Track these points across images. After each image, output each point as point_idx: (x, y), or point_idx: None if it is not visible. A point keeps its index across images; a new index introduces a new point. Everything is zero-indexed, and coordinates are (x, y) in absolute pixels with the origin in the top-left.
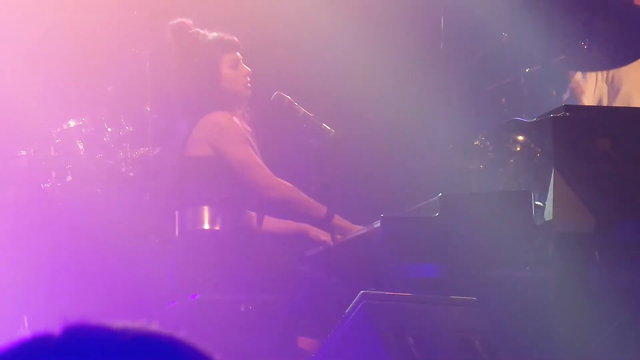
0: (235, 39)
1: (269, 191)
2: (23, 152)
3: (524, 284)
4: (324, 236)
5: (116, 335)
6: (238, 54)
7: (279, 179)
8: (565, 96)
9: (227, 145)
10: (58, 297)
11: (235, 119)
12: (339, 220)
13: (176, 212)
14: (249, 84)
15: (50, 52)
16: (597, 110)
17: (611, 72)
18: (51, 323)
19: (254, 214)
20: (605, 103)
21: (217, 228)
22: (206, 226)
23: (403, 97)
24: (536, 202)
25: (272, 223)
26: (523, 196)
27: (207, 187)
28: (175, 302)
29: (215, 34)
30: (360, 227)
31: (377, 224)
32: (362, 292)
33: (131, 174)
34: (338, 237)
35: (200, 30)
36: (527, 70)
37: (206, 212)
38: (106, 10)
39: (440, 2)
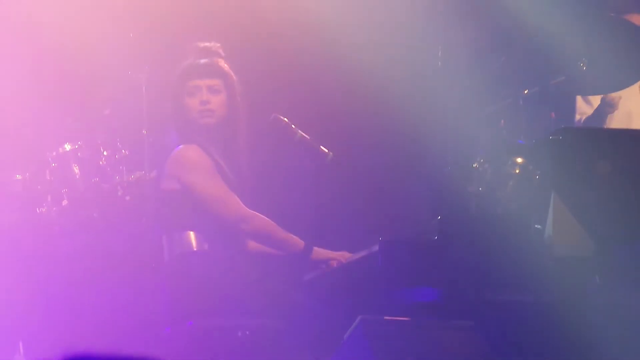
0: (197, 62)
1: (239, 223)
2: (18, 176)
3: (523, 308)
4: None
5: None
6: (198, 80)
7: (252, 212)
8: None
9: (193, 179)
10: (54, 323)
11: (203, 152)
12: (318, 253)
13: (163, 237)
14: (206, 112)
15: (46, 75)
16: (596, 132)
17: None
18: (47, 349)
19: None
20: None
21: (205, 248)
22: (195, 248)
23: (401, 120)
24: (535, 226)
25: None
26: (521, 220)
27: (187, 216)
28: (171, 328)
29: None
30: (345, 253)
31: (376, 248)
32: (360, 316)
33: (127, 198)
34: (332, 263)
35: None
36: (525, 92)
37: (192, 236)
38: (102, 33)
39: (438, 24)
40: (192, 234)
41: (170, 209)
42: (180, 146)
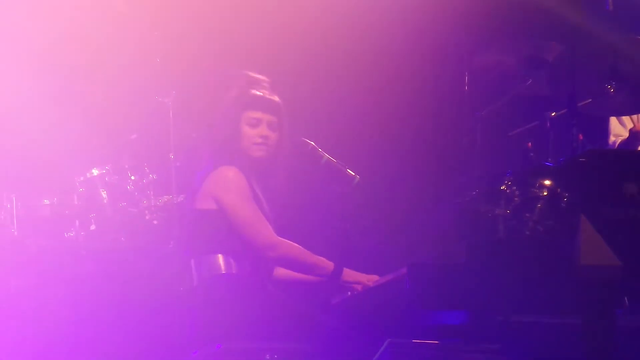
0: (258, 93)
1: (266, 251)
2: (46, 201)
3: (551, 330)
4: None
5: None
6: (261, 113)
7: (280, 239)
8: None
9: (229, 200)
10: (82, 347)
11: (242, 174)
12: (348, 274)
13: (192, 261)
14: (263, 145)
15: (74, 100)
16: (623, 154)
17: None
18: None
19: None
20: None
21: (233, 272)
22: (223, 271)
23: (428, 142)
24: (564, 248)
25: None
26: (549, 242)
27: (216, 238)
28: (198, 351)
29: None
30: (375, 276)
31: (404, 271)
32: (388, 340)
33: (155, 222)
34: (357, 287)
35: (242, 83)
36: (553, 114)
37: (221, 259)
38: (129, 58)
39: (465, 48)
40: (220, 257)
41: (202, 229)
42: (221, 167)
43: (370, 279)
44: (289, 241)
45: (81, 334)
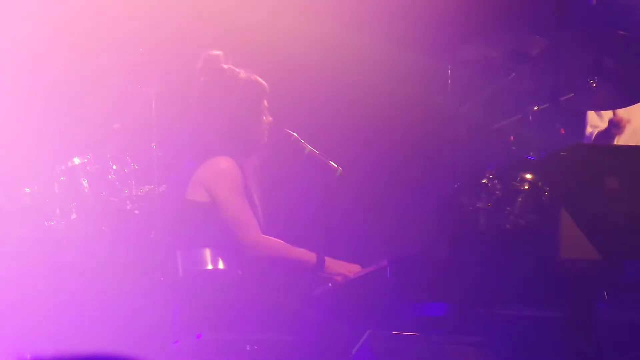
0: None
1: (251, 251)
2: (27, 190)
3: (532, 323)
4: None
5: None
6: (265, 101)
7: (266, 238)
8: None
9: (220, 191)
10: (61, 336)
11: (236, 165)
12: (331, 264)
13: (178, 253)
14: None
15: (56, 89)
16: (605, 149)
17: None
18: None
19: None
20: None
21: (220, 267)
22: (209, 266)
23: (410, 135)
24: (544, 241)
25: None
26: (530, 235)
27: (205, 230)
28: (179, 341)
29: (245, 73)
30: (357, 266)
31: (385, 263)
32: (369, 331)
33: (136, 212)
34: (338, 278)
35: (234, 68)
36: (535, 108)
37: (208, 253)
38: (112, 47)
39: (449, 40)
40: (208, 252)
41: (192, 221)
42: (216, 158)
43: (351, 270)
44: (273, 239)
45: (61, 323)
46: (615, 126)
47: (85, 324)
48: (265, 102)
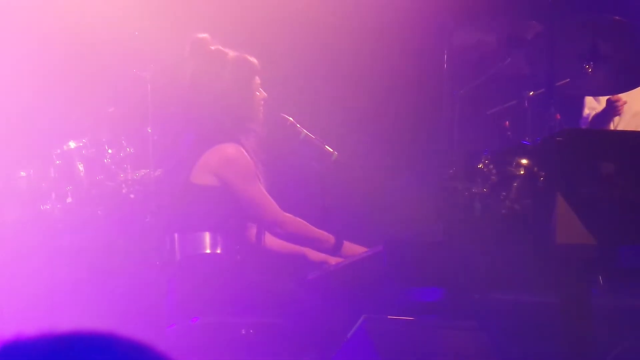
0: (255, 60)
1: (275, 228)
2: (23, 173)
3: (527, 308)
4: (323, 258)
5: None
6: (257, 78)
7: (287, 215)
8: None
9: (235, 179)
10: (57, 320)
11: (244, 151)
12: (348, 247)
13: (175, 235)
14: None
15: (51, 72)
16: (600, 133)
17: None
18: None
19: (253, 235)
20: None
21: (218, 252)
22: (207, 250)
23: (405, 119)
24: (540, 227)
25: (271, 245)
26: (526, 220)
27: (209, 214)
28: (175, 325)
29: (234, 53)
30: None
31: (380, 248)
32: (364, 315)
33: (132, 196)
34: (336, 260)
35: (222, 48)
36: (530, 93)
37: (207, 237)
38: (107, 31)
39: (444, 26)
40: (207, 235)
41: (196, 204)
42: (224, 144)
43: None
44: (294, 217)
45: (57, 307)
46: (612, 107)
47: (80, 307)
48: (258, 79)
